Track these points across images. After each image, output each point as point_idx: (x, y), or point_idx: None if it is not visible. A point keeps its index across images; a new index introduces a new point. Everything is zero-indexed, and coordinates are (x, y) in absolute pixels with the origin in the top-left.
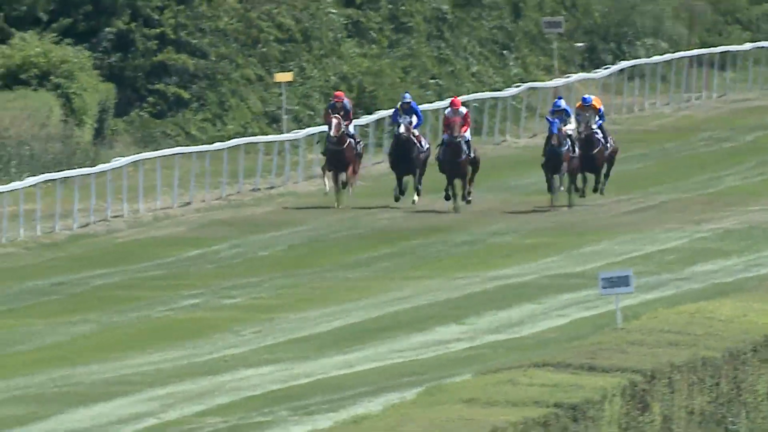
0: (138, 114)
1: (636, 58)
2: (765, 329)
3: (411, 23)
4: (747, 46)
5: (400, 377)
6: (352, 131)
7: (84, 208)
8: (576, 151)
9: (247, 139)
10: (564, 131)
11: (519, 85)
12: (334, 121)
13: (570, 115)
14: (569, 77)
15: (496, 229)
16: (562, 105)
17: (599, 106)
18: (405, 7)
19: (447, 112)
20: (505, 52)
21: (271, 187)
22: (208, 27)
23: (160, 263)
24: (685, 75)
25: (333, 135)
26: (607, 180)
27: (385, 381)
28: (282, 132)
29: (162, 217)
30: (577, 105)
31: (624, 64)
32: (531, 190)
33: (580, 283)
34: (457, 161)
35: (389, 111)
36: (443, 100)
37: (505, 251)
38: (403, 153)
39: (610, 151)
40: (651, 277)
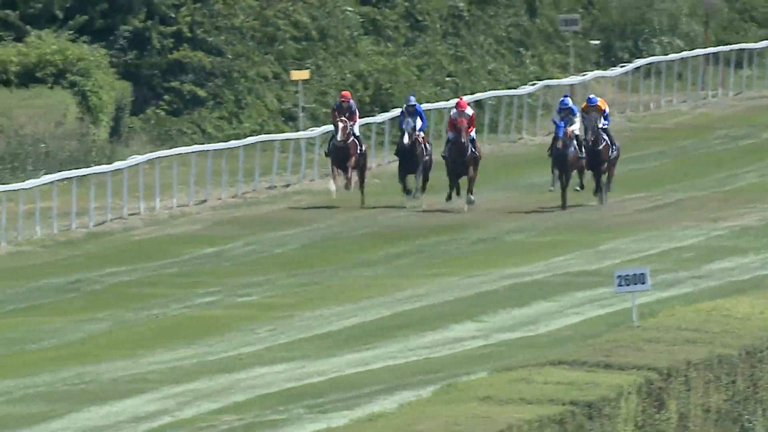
0: (154, 112)
1: (652, 55)
2: None
3: (427, 21)
4: (763, 43)
5: (415, 375)
6: (357, 132)
7: (100, 206)
8: (583, 152)
9: (263, 137)
10: (570, 133)
11: (535, 83)
12: (340, 125)
13: (576, 114)
14: (585, 75)
15: (511, 227)
16: (568, 103)
17: (604, 107)
18: (421, 5)
19: (452, 113)
20: (521, 49)
21: (287, 185)
22: (224, 25)
23: (175, 261)
24: (702, 73)
25: (340, 139)
26: (610, 185)
27: (401, 379)
28: (298, 130)
29: (178, 215)
30: (583, 106)
31: (640, 61)
32: (547, 188)
33: (596, 281)
34: (463, 159)
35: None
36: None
37: (521, 249)
38: (409, 153)
39: (615, 156)
40: (668, 275)
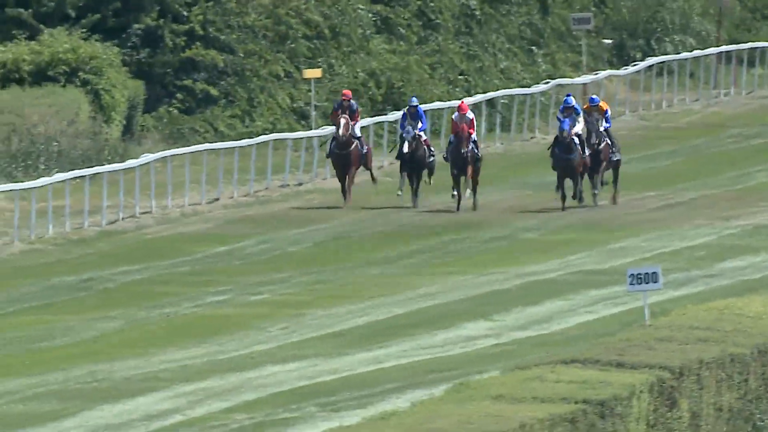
0: (166, 110)
1: (664, 54)
2: None
3: (439, 19)
4: None
5: (427, 374)
6: (358, 133)
7: (112, 204)
8: (586, 152)
9: (276, 136)
10: (572, 134)
11: (547, 82)
12: (342, 121)
13: (580, 114)
14: (598, 74)
15: (524, 226)
16: (571, 103)
17: (606, 108)
18: (433, 4)
19: (454, 116)
20: (534, 48)
21: (300, 184)
22: (236, 23)
23: (187, 260)
24: (714, 71)
25: (341, 134)
26: (617, 186)
27: (413, 377)
28: (310, 128)
29: (190, 214)
30: (585, 106)
31: (652, 60)
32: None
33: (608, 280)
34: (463, 165)
35: None
36: (471, 96)
37: (534, 247)
38: (411, 158)
39: (617, 159)
40: (680, 274)
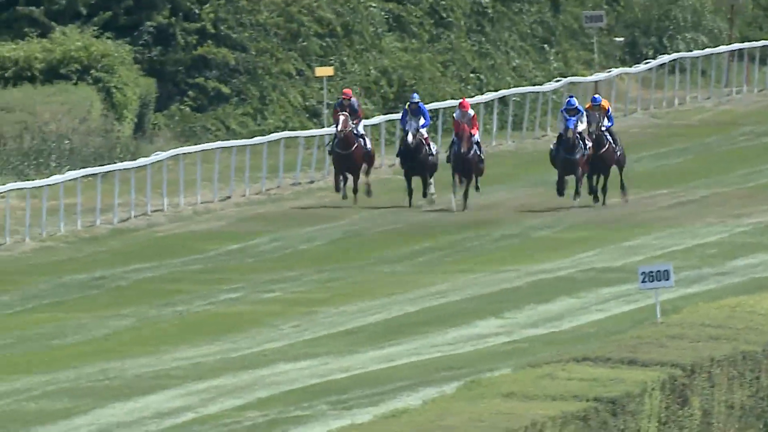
0: (178, 108)
1: (676, 52)
2: None
3: (451, 17)
4: None
5: (439, 372)
6: (361, 131)
7: (124, 202)
8: (587, 151)
9: (288, 134)
10: (576, 131)
11: (559, 80)
12: (341, 118)
13: (583, 114)
14: (610, 71)
15: (535, 224)
16: (574, 104)
17: (607, 107)
18: (445, 2)
19: (456, 114)
20: (546, 46)
21: (311, 182)
22: (248, 21)
23: (199, 257)
24: (726, 69)
25: (340, 130)
26: (625, 187)
27: (424, 375)
28: (322, 126)
29: (202, 212)
30: (587, 106)
31: (664, 58)
32: (571, 184)
33: (619, 278)
34: (467, 158)
35: (428, 106)
36: (483, 94)
37: (545, 245)
38: (412, 155)
39: (620, 155)
40: (691, 272)
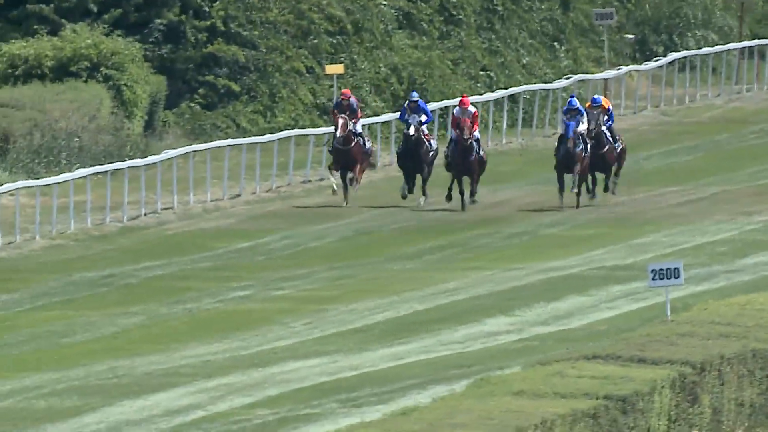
0: (188, 106)
1: (687, 49)
2: None
3: (461, 15)
4: None
5: (449, 369)
6: (359, 130)
7: (134, 200)
8: (588, 151)
9: (298, 131)
10: (577, 132)
11: (569, 77)
12: (340, 122)
13: (584, 115)
14: (620, 69)
15: (545, 221)
16: (575, 104)
17: (608, 106)
18: None
19: (455, 111)
20: (556, 43)
21: (322, 179)
22: (258, 19)
23: (210, 255)
24: (736, 66)
25: (339, 135)
26: (618, 179)
27: (434, 373)
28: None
29: (212, 209)
30: (587, 105)
31: (675, 55)
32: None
33: (629, 275)
34: (469, 160)
35: (439, 104)
36: (493, 91)
37: (555, 243)
38: (412, 151)
39: (619, 151)
40: (701, 269)
